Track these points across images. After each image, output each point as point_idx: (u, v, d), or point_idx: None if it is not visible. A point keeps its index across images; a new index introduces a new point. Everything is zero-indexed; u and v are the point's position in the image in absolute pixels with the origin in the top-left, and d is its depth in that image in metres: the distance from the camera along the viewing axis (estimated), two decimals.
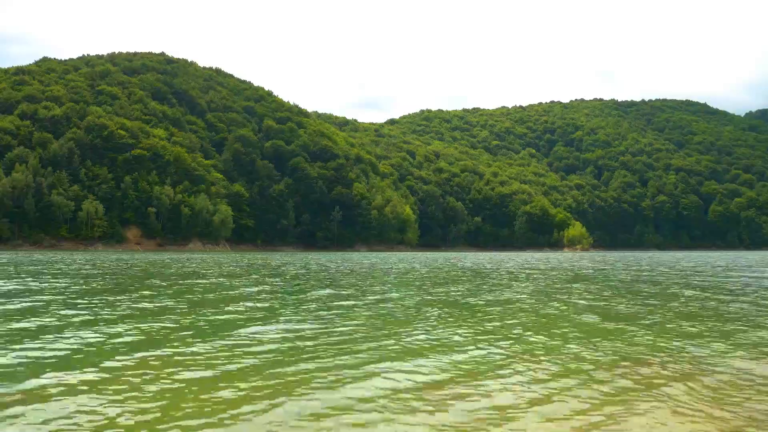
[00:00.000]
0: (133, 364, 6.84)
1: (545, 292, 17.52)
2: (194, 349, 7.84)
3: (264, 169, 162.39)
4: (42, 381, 6.02)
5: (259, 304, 13.52)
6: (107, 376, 6.27)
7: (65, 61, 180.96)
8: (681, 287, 19.87)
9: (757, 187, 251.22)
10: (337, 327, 9.85)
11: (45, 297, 14.77)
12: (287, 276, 25.91)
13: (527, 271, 32.88)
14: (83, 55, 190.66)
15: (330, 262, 49.22)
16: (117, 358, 7.14)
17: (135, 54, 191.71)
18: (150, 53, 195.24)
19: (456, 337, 8.88)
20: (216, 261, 50.17)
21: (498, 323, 10.58)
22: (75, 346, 7.89)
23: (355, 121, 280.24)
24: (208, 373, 6.43)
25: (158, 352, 7.51)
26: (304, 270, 32.85)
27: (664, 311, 12.46)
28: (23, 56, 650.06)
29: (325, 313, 11.96)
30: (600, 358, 7.36)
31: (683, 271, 34.12)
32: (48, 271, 29.01)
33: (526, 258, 77.35)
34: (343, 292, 17.22)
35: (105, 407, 5.19)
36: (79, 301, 13.97)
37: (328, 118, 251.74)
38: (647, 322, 10.79)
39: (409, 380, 6.19)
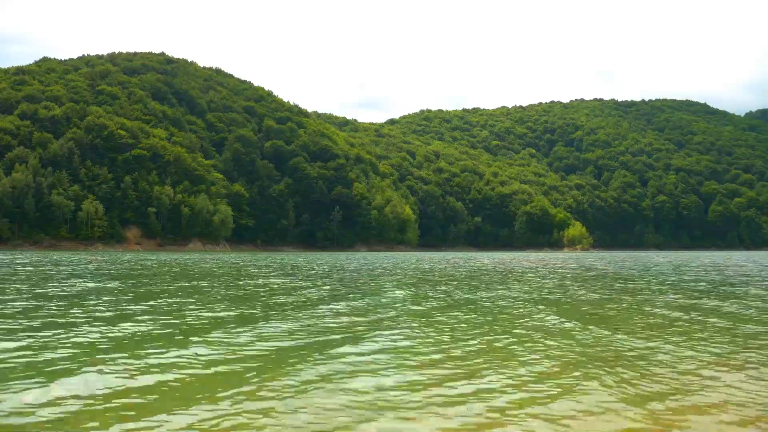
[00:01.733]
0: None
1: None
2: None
3: (264, 169, 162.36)
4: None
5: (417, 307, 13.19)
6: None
7: (65, 61, 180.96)
8: None
9: (757, 187, 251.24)
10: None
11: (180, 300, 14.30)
12: (382, 279, 24.45)
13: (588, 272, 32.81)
14: (83, 55, 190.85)
15: (365, 261, 49.13)
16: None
17: (135, 54, 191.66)
18: (150, 53, 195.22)
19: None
20: (246, 261, 49.56)
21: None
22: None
23: (355, 121, 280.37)
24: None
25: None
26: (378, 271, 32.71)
27: None
28: (23, 56, 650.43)
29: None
30: None
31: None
32: (94, 271, 28.63)
33: (539, 257, 77.16)
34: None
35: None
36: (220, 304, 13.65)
37: (328, 118, 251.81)
38: None
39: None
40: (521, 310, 12.49)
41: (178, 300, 14.35)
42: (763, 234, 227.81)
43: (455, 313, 11.99)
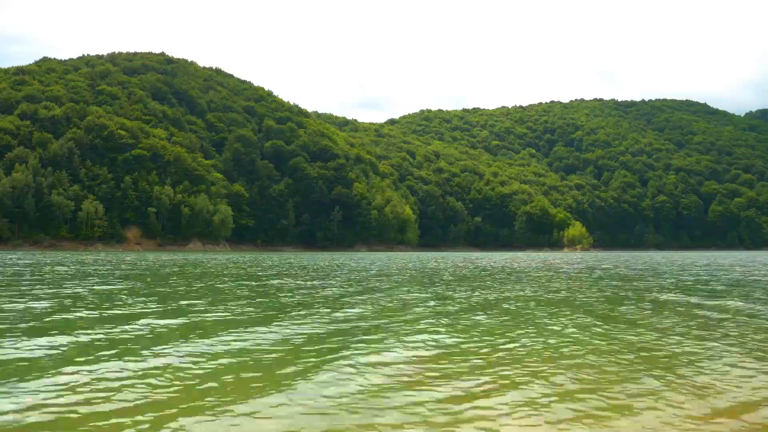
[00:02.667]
0: None
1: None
2: None
3: (264, 169, 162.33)
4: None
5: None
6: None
7: (65, 61, 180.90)
8: None
9: (757, 187, 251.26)
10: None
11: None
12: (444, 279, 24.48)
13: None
14: (83, 55, 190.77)
15: (380, 262, 48.90)
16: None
17: (135, 54, 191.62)
18: (150, 53, 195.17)
19: None
20: (261, 262, 49.03)
21: None
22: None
23: (355, 121, 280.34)
24: None
25: None
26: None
27: None
28: (23, 56, 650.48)
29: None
30: None
31: None
32: (135, 272, 28.06)
33: (545, 258, 77.09)
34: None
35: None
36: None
37: (328, 118, 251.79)
38: None
39: None
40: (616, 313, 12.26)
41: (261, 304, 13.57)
42: (763, 234, 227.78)
43: (553, 310, 12.18)
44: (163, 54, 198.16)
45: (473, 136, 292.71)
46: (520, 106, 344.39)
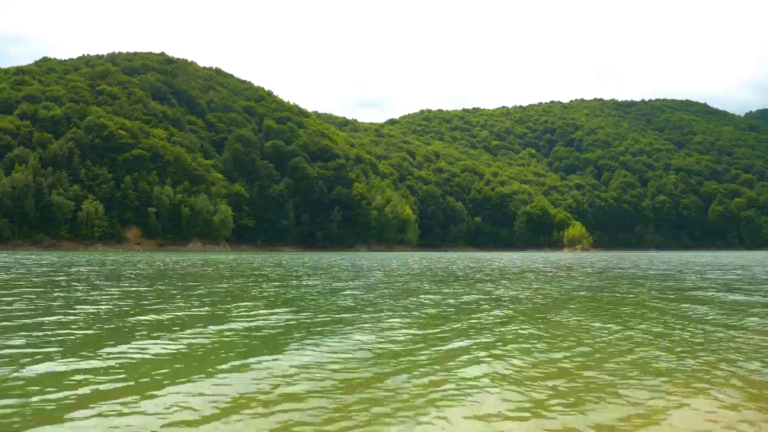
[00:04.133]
0: None
1: None
2: None
3: (264, 169, 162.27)
4: None
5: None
6: None
7: (65, 61, 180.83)
8: None
9: (757, 187, 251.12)
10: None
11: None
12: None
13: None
14: (83, 55, 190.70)
15: (396, 262, 48.75)
16: None
17: (135, 54, 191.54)
18: (150, 53, 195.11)
19: None
20: (277, 262, 48.75)
21: None
22: None
23: (355, 121, 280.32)
24: None
25: None
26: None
27: None
28: (23, 56, 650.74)
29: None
30: None
31: None
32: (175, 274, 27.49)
33: (552, 257, 77.10)
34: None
35: None
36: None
37: (328, 118, 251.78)
38: None
39: None
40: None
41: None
42: (763, 234, 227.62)
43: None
44: (163, 54, 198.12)
45: (473, 136, 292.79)
46: (520, 106, 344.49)
